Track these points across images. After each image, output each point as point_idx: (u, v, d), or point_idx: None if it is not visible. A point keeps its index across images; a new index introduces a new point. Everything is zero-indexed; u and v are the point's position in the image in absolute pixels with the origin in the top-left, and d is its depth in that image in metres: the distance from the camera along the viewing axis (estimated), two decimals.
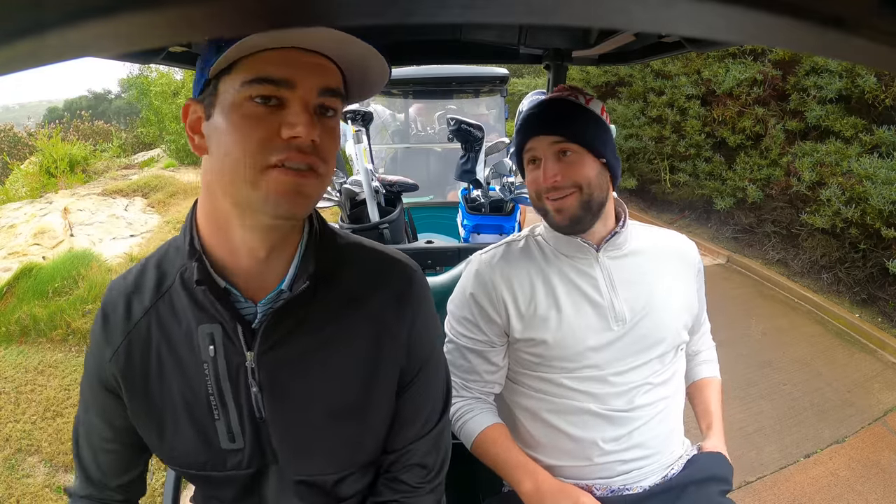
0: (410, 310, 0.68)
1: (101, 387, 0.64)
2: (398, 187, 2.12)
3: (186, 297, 0.61)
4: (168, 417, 0.63)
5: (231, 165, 0.53)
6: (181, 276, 0.61)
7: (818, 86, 4.02)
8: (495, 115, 4.37)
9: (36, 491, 1.87)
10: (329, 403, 0.65)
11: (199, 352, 0.61)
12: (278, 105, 0.52)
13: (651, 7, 0.11)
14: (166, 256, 0.65)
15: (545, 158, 0.86)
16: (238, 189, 0.53)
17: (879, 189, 3.36)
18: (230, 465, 0.64)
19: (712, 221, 5.11)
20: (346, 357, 0.65)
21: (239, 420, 0.63)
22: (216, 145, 0.54)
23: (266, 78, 0.51)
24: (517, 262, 0.93)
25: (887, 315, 3.38)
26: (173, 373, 0.62)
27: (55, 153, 7.14)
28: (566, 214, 0.86)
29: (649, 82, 5.65)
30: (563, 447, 0.90)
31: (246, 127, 0.52)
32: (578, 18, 0.11)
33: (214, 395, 0.62)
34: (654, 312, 0.90)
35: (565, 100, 0.88)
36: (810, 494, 2.03)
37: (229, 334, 0.60)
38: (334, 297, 0.64)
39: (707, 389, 1.06)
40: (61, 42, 0.13)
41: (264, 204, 0.53)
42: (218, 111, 0.53)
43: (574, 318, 0.89)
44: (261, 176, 0.52)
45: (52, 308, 3.16)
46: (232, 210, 0.56)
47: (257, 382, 0.62)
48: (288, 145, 0.52)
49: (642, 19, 0.12)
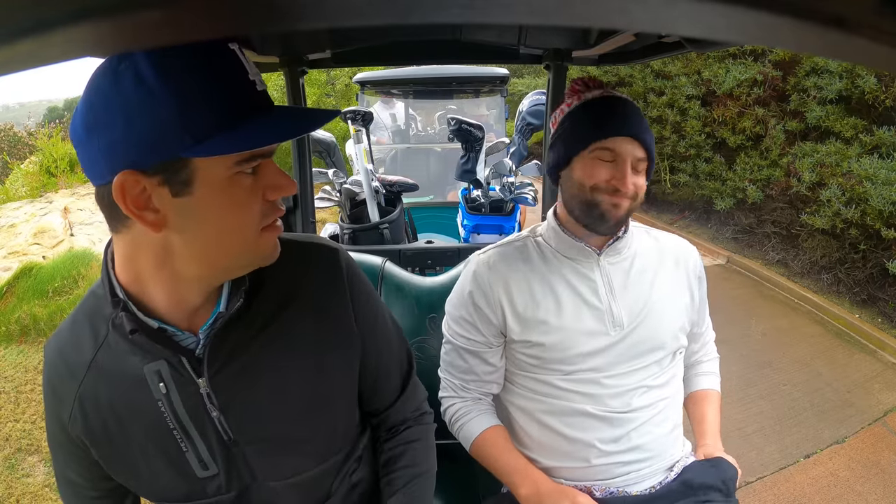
0: (343, 285, 0.69)
1: (68, 441, 0.64)
2: (398, 187, 2.12)
3: (124, 342, 0.59)
4: (139, 460, 0.62)
5: (230, 238, 0.54)
6: (112, 323, 0.59)
7: (818, 86, 4.02)
8: (495, 115, 4.38)
9: (36, 491, 1.87)
10: (292, 405, 0.65)
11: (151, 391, 0.60)
12: (255, 170, 0.54)
13: (651, 7, 0.11)
14: (94, 307, 0.63)
15: (624, 162, 0.84)
16: (236, 257, 0.56)
17: (879, 190, 3.36)
18: (210, 492, 0.64)
19: (712, 222, 5.11)
20: (295, 355, 0.65)
21: (207, 447, 0.62)
22: (199, 222, 0.52)
23: (260, 154, 0.53)
24: (516, 264, 0.93)
25: (887, 315, 3.38)
26: (131, 418, 0.61)
27: (55, 153, 7.14)
28: (617, 217, 0.86)
29: (649, 82, 5.65)
30: (560, 448, 0.90)
31: (245, 201, 0.53)
32: (579, 18, 0.11)
33: (177, 428, 0.61)
34: (653, 318, 0.90)
35: (639, 109, 0.88)
36: (810, 495, 2.02)
37: (176, 367, 0.59)
38: (268, 302, 0.64)
39: (704, 402, 1.04)
40: (61, 42, 0.13)
41: (259, 262, 0.57)
42: (201, 188, 0.50)
43: (572, 322, 0.88)
44: (259, 239, 0.56)
45: (52, 308, 3.16)
46: (198, 276, 0.56)
47: (216, 406, 0.61)
48: (274, 207, 0.56)
49: (642, 19, 0.12)
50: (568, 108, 0.91)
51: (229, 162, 0.50)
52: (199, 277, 0.57)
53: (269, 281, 0.64)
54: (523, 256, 0.94)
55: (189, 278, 0.56)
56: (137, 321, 0.57)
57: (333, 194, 2.09)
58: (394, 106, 4.48)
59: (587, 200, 0.87)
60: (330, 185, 2.13)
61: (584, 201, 0.87)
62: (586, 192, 0.86)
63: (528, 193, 2.15)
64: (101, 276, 0.60)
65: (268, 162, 0.54)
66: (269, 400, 0.64)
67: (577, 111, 0.89)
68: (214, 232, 0.53)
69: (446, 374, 1.00)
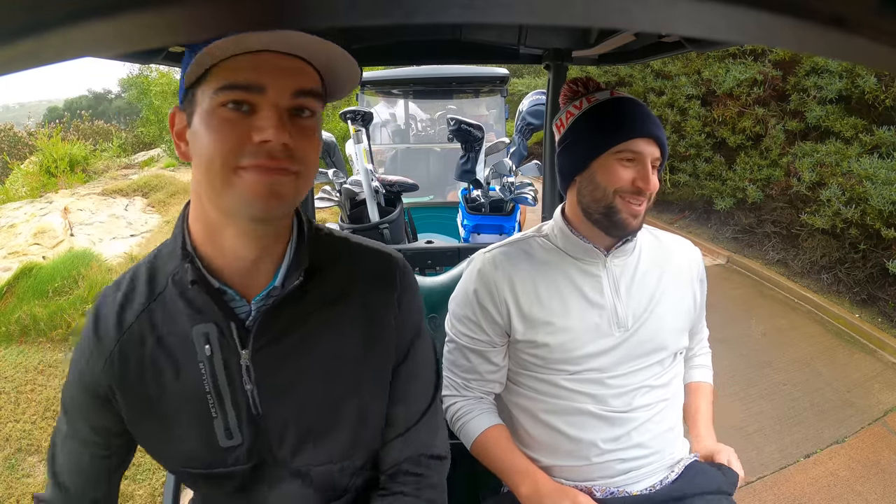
0: (395, 293, 0.70)
1: (89, 394, 0.64)
2: (398, 187, 2.12)
3: (180, 300, 0.61)
4: (167, 419, 0.63)
5: (206, 170, 0.54)
6: (173, 278, 0.62)
7: (818, 86, 4.02)
8: (495, 115, 4.38)
9: (36, 491, 1.87)
10: (324, 397, 0.66)
11: (196, 352, 0.61)
12: (250, 111, 0.53)
13: (651, 7, 0.11)
14: (157, 261, 0.65)
15: (644, 163, 0.85)
16: (216, 193, 0.55)
17: (879, 189, 3.36)
18: (230, 462, 0.65)
19: (712, 222, 5.11)
20: (338, 350, 0.66)
21: (237, 417, 0.63)
22: (196, 152, 0.55)
23: (235, 84, 0.52)
24: (521, 263, 0.93)
25: (887, 315, 3.38)
26: (170, 375, 0.62)
27: (55, 153, 7.14)
28: (638, 220, 0.87)
29: (649, 82, 5.65)
30: (561, 447, 0.90)
31: (219, 132, 0.53)
32: (579, 18, 0.11)
33: (211, 393, 0.62)
34: (657, 319, 0.90)
35: (646, 106, 0.89)
36: (810, 495, 2.02)
37: (224, 333, 0.61)
38: (324, 292, 0.66)
39: (696, 393, 1.06)
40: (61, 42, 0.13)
41: (240, 205, 0.54)
42: (196, 119, 0.55)
43: (577, 322, 0.89)
44: (234, 177, 0.53)
45: (52, 308, 3.16)
46: (218, 215, 0.58)
47: (252, 380, 0.62)
48: (258, 150, 0.53)
49: (642, 19, 0.12)
50: (578, 111, 0.90)
51: (210, 91, 0.53)
52: (218, 221, 0.58)
53: (327, 271, 0.66)
54: (528, 255, 0.94)
55: (215, 221, 0.58)
56: (200, 274, 0.59)
57: (333, 194, 2.09)
58: (394, 105, 4.47)
59: (609, 205, 0.86)
60: (330, 185, 2.13)
61: (607, 205, 0.87)
62: (609, 196, 0.86)
63: (528, 193, 2.15)
64: (174, 231, 0.63)
65: (265, 105, 0.53)
66: (304, 385, 0.65)
67: (590, 113, 0.89)
68: (198, 161, 0.55)
69: (449, 373, 1.00)
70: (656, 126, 0.86)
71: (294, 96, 0.54)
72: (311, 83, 0.56)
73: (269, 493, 0.68)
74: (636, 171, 0.85)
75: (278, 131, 0.52)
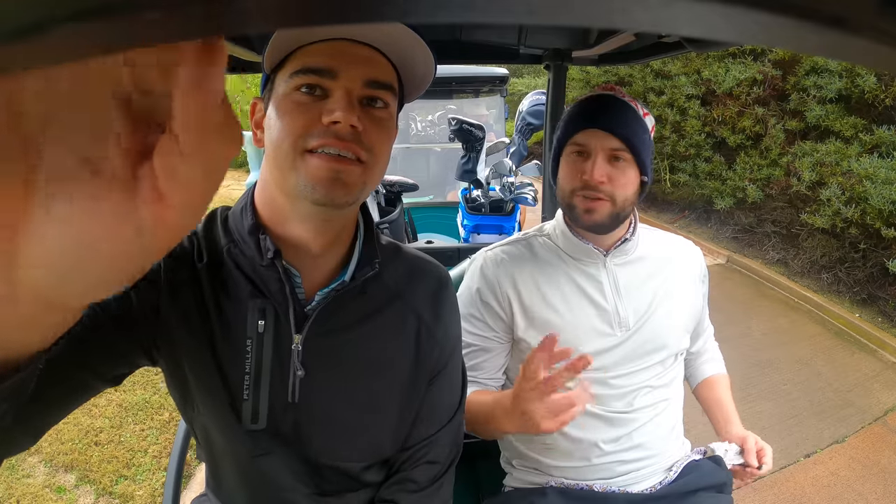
0: (441, 307, 0.72)
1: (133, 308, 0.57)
2: (398, 187, 2.12)
3: (240, 272, 0.60)
4: (199, 380, 0.60)
5: (275, 152, 0.55)
6: (230, 250, 0.60)
7: (818, 86, 4.03)
8: (495, 115, 4.38)
9: (36, 491, 1.87)
10: (363, 395, 0.66)
11: (247, 326, 0.60)
12: (322, 95, 0.54)
13: (651, 7, 0.11)
14: (227, 224, 0.63)
15: (596, 155, 0.83)
16: (283, 175, 0.55)
17: (879, 189, 3.36)
18: (249, 443, 0.63)
19: (712, 221, 5.11)
20: (385, 351, 0.66)
21: (269, 401, 0.61)
22: (269, 136, 0.56)
23: (309, 69, 0.54)
24: (523, 262, 0.93)
25: (887, 315, 3.38)
26: (218, 338, 0.59)
27: None
28: (594, 217, 0.85)
29: (649, 82, 5.65)
30: (562, 448, 0.90)
31: (290, 114, 0.54)
32: (579, 18, 0.11)
33: (251, 373, 0.60)
34: (658, 319, 0.90)
35: (626, 103, 0.85)
36: (810, 494, 2.03)
37: (279, 314, 0.60)
38: (380, 292, 0.67)
39: (717, 386, 1.07)
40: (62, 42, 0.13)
41: (303, 188, 0.54)
42: (271, 104, 0.56)
43: (577, 322, 0.89)
44: (300, 160, 0.53)
45: None
46: (284, 200, 0.58)
47: (302, 366, 0.62)
48: (326, 131, 0.53)
49: (642, 19, 0.12)
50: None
51: (286, 76, 0.55)
52: (284, 206, 0.58)
53: (386, 275, 0.67)
54: (530, 255, 0.94)
55: (281, 206, 0.58)
56: (278, 252, 0.58)
57: None
58: None
59: (568, 204, 0.88)
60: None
61: (567, 204, 0.88)
62: (566, 195, 0.88)
63: (528, 193, 2.15)
64: (237, 208, 0.63)
65: (337, 89, 0.54)
66: (346, 383, 0.64)
67: (566, 112, 0.90)
68: (269, 145, 0.56)
69: None
70: (615, 120, 0.82)
71: (366, 85, 0.55)
72: (383, 75, 0.56)
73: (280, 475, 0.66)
74: (588, 163, 0.83)
75: (347, 113, 0.53)
